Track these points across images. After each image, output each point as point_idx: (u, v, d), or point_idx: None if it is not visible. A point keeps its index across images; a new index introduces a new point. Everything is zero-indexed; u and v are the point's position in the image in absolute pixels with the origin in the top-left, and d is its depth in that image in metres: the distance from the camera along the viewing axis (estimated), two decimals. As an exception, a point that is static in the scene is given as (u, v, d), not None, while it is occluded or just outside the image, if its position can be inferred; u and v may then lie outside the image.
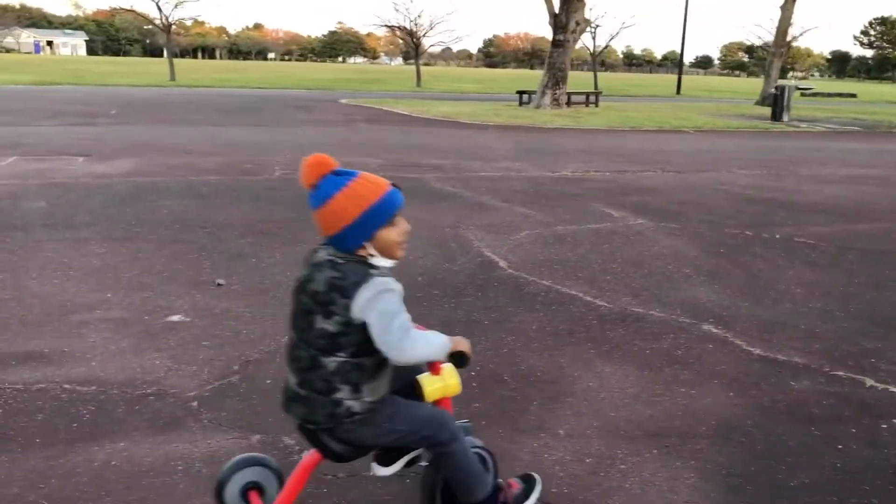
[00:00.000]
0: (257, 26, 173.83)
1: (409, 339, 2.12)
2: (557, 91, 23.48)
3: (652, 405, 3.66)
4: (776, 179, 11.49)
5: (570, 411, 3.58)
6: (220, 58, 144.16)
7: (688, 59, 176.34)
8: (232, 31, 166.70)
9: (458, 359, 2.27)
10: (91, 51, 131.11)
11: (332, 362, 2.17)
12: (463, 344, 2.28)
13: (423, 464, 2.55)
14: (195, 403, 3.51)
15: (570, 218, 7.87)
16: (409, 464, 2.55)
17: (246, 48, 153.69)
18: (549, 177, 10.89)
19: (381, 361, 2.21)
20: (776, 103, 24.32)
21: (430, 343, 2.22)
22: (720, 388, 3.89)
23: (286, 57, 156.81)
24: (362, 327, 2.12)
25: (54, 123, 16.20)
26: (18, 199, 7.93)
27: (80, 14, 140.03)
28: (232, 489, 2.51)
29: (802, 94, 45.69)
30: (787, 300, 5.42)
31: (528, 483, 2.66)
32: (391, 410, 2.29)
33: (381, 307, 2.09)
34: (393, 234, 2.20)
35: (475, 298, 5.18)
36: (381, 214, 2.17)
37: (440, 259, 6.13)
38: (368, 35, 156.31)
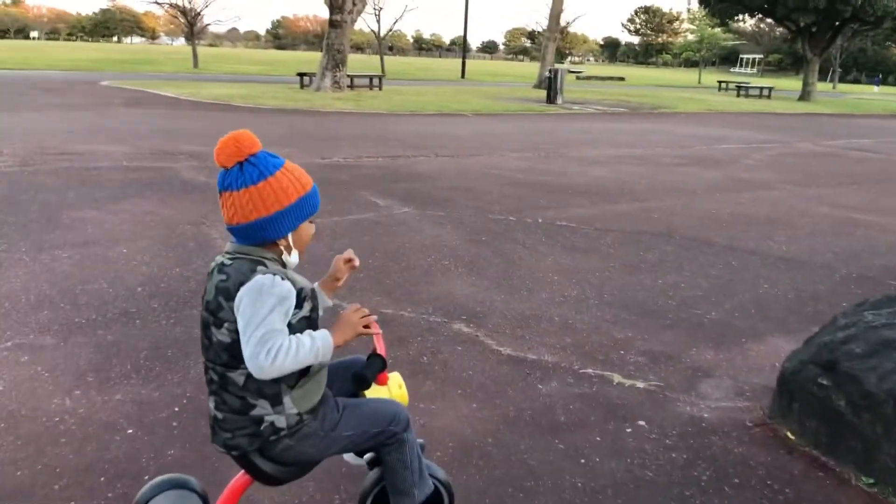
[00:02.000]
0: (15, 1, 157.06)
1: (266, 354, 1.82)
2: (338, 73, 22.80)
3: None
4: (545, 162, 11.61)
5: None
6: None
7: (474, 44, 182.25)
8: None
9: (359, 381, 2.13)
10: None
11: (239, 376, 1.94)
12: (345, 323, 2.04)
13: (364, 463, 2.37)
14: None
15: (332, 209, 7.30)
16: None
17: (2, 26, 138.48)
18: (318, 164, 10.25)
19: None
20: (550, 86, 25.20)
21: (300, 350, 1.87)
22: (464, 400, 3.50)
23: (52, 36, 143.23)
24: None
25: None
26: None
27: None
28: None
29: (577, 78, 48.25)
30: (544, 290, 5.20)
31: None
32: (334, 419, 2.07)
33: (247, 314, 1.85)
34: (309, 228, 2.06)
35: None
36: (311, 205, 2.02)
37: (171, 262, 5.33)
38: (146, 14, 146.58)
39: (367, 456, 2.38)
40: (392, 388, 2.27)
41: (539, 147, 13.37)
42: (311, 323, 2.00)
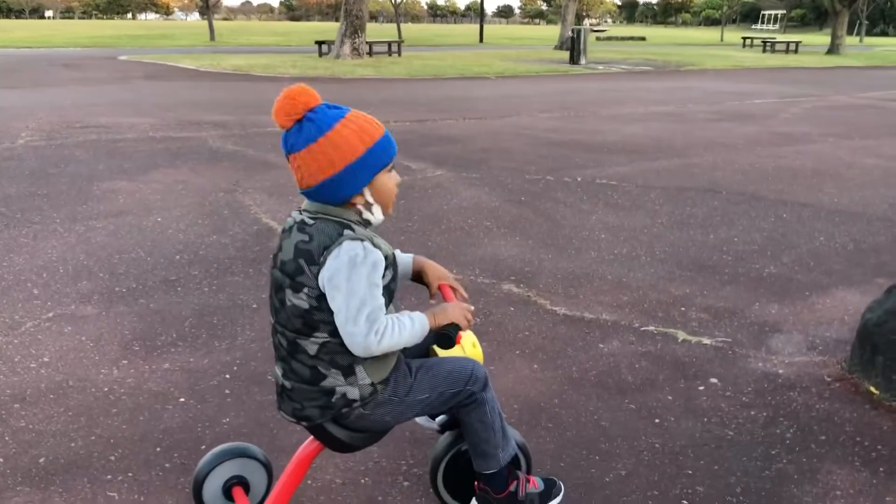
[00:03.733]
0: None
1: (374, 335, 1.73)
2: (357, 40, 22.45)
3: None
4: (577, 121, 11.34)
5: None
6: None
7: (490, 8, 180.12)
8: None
9: (442, 339, 1.89)
10: None
11: (312, 345, 1.81)
12: (448, 315, 1.89)
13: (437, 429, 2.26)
14: None
15: (364, 172, 7.12)
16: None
17: (17, 6, 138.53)
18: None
19: None
20: (573, 47, 24.71)
21: (402, 332, 1.79)
22: (524, 361, 3.35)
23: (67, 15, 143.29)
24: None
25: None
26: None
27: None
28: (212, 486, 2.14)
29: (598, 38, 47.41)
30: (592, 248, 5.01)
31: (549, 486, 2.24)
32: (407, 384, 1.93)
33: (346, 289, 1.71)
34: (390, 181, 1.85)
35: (244, 277, 4.34)
36: (380, 155, 1.80)
37: (208, 230, 5.20)
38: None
39: (440, 418, 2.24)
40: (466, 346, 2.13)
41: (568, 107, 13.07)
42: (390, 294, 1.85)
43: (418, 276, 2.11)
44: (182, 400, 2.94)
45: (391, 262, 1.84)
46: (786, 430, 2.79)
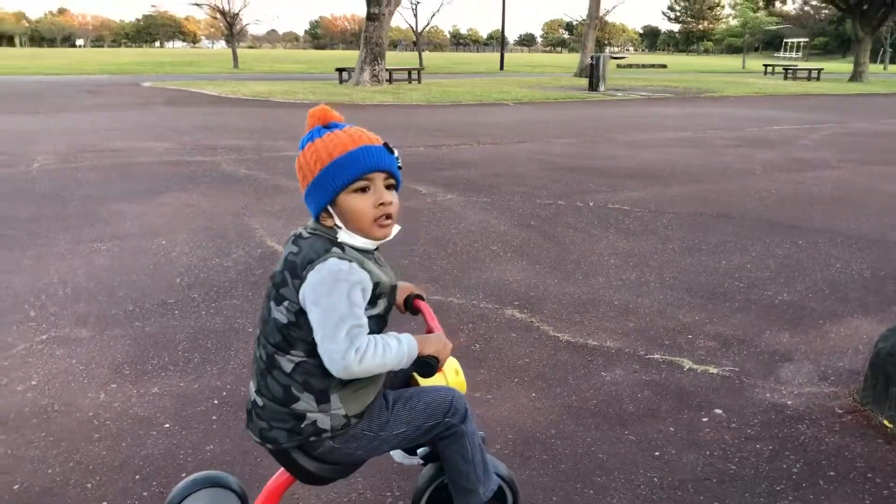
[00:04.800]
0: (61, 11, 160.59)
1: (355, 353, 1.62)
2: (377, 67, 22.61)
3: (439, 421, 2.91)
4: (592, 147, 11.26)
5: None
6: (21, 45, 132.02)
7: (512, 37, 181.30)
8: (33, 16, 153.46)
9: (422, 367, 1.78)
10: None
11: (288, 362, 1.73)
12: (432, 345, 1.78)
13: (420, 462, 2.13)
14: None
15: (373, 197, 7.07)
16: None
17: (50, 35, 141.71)
18: (358, 154, 10.04)
19: None
20: (592, 73, 24.70)
21: (387, 353, 1.68)
22: (521, 389, 3.24)
23: (97, 43, 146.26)
24: None
25: None
26: None
27: None
28: None
29: (618, 66, 47.48)
30: (600, 273, 4.90)
31: None
32: (383, 418, 1.83)
33: (325, 303, 1.63)
34: (360, 202, 1.72)
35: (243, 300, 4.27)
36: (339, 173, 1.70)
37: (211, 253, 5.15)
38: (187, 18, 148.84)
39: (422, 451, 2.14)
40: (449, 375, 2.02)
41: (584, 133, 13.01)
42: (382, 324, 1.79)
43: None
44: (167, 426, 2.87)
45: (387, 292, 1.77)
46: (792, 465, 2.66)
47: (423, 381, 1.99)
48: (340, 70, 24.68)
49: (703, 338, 3.83)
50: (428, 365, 1.79)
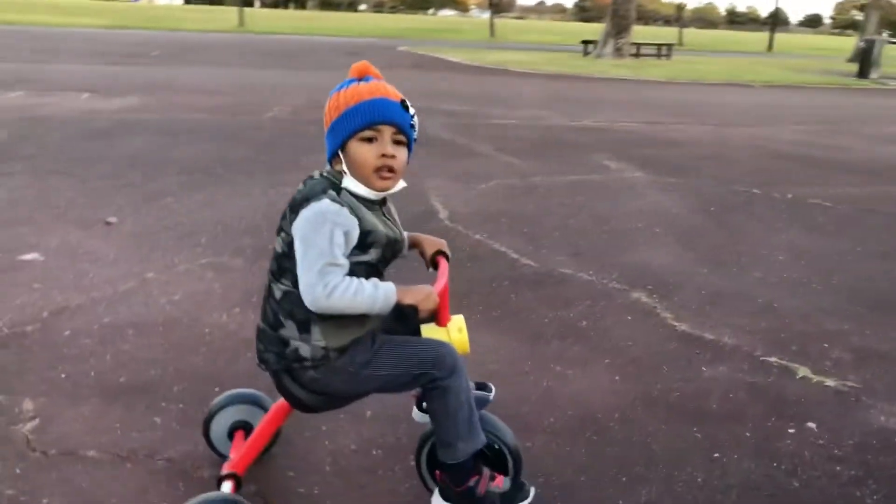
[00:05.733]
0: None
1: (323, 287, 1.72)
2: (620, 40, 22.09)
3: (510, 387, 2.91)
4: (828, 137, 10.24)
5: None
6: (309, 9, 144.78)
7: (796, 17, 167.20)
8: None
9: (405, 316, 1.87)
10: (188, 0, 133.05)
11: (278, 290, 1.86)
12: (412, 295, 1.82)
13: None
14: (-40, 353, 3.01)
15: (556, 168, 7.05)
16: None
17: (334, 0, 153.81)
18: (566, 125, 9.99)
19: None
20: (864, 59, 22.26)
21: (358, 294, 1.75)
22: (607, 371, 3.15)
23: (378, 9, 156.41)
24: None
25: (88, 62, 16.12)
26: (-19, 130, 7.65)
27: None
28: (218, 425, 2.31)
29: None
30: (758, 268, 4.55)
31: (517, 490, 2.08)
32: (365, 357, 1.89)
33: (309, 239, 1.74)
34: (366, 151, 1.82)
35: (382, 250, 4.51)
36: (350, 120, 1.81)
37: (377, 206, 5.47)
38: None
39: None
40: (451, 331, 2.04)
41: (828, 121, 11.86)
42: (373, 273, 1.87)
43: (414, 248, 2.13)
44: (262, 350, 3.16)
45: (382, 241, 1.86)
46: (869, 495, 2.36)
47: (425, 333, 2.04)
48: (586, 42, 24.40)
49: (839, 349, 3.45)
50: (406, 315, 1.85)
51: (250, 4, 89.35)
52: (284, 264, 1.84)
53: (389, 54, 22.73)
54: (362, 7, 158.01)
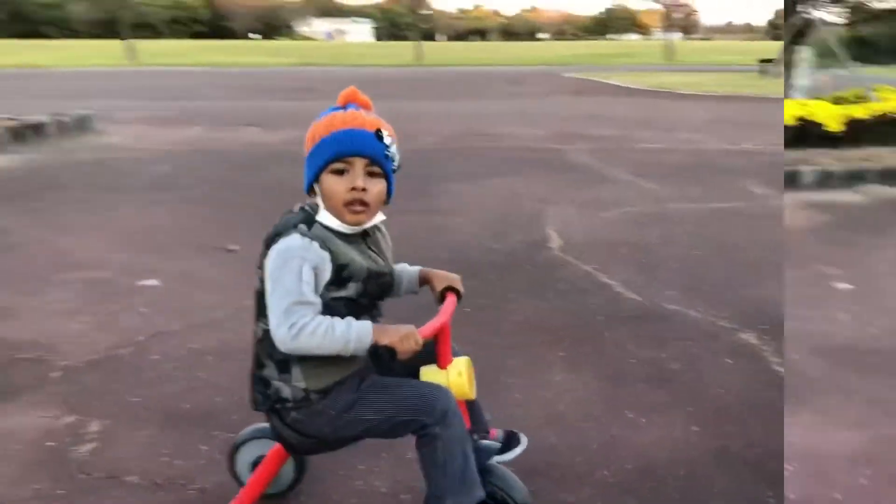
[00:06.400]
0: (533, 8, 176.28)
1: (289, 328, 1.67)
2: (800, 58, 20.65)
3: (571, 433, 2.73)
4: None
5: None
6: (491, 40, 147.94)
7: None
8: (508, 13, 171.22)
9: (377, 357, 1.79)
10: (377, 37, 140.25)
11: (259, 329, 1.83)
12: (389, 335, 1.72)
13: None
14: (58, 373, 3.23)
15: (697, 195, 6.63)
16: None
17: (519, 30, 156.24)
18: (722, 150, 9.42)
19: None
20: None
21: (328, 335, 1.69)
22: (687, 420, 2.85)
23: (559, 37, 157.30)
24: None
25: (266, 98, 17.31)
26: (149, 163, 8.36)
27: (369, 2, 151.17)
28: (243, 457, 2.27)
29: None
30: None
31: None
32: (348, 400, 1.83)
33: (276, 276, 1.71)
34: (334, 183, 1.78)
35: (480, 282, 4.41)
36: (322, 152, 1.79)
37: (488, 238, 5.36)
38: (645, 11, 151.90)
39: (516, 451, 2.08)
40: (450, 374, 1.91)
41: None
42: (356, 308, 1.80)
43: (426, 285, 2.06)
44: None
45: (362, 275, 1.80)
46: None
47: (424, 375, 1.93)
48: (763, 61, 23.08)
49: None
50: (380, 356, 1.75)
51: (432, 38, 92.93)
52: (262, 302, 1.78)
53: (553, 81, 22.68)
54: (544, 35, 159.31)
